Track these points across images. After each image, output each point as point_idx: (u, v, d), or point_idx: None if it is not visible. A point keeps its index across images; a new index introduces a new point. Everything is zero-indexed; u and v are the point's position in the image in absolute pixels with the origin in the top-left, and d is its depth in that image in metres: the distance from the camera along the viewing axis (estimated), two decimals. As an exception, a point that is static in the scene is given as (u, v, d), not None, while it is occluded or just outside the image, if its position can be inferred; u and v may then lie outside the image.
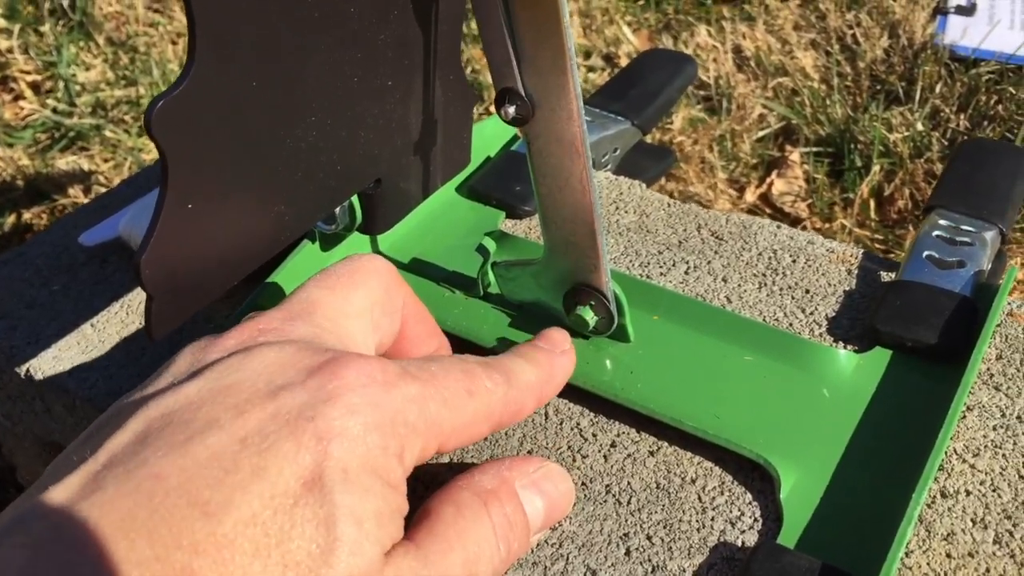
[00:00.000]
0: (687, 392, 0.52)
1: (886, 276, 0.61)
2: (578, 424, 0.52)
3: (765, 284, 0.61)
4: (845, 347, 0.56)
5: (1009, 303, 0.59)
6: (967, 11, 1.39)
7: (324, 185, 0.49)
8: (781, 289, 0.60)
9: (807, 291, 0.60)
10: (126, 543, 0.33)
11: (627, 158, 0.79)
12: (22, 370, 0.56)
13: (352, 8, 0.46)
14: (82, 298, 0.61)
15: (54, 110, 1.34)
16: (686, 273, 0.62)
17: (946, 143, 1.21)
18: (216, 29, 0.39)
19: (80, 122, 1.27)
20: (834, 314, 0.58)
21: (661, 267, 0.62)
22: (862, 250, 0.63)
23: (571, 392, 0.53)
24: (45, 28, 1.45)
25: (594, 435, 0.52)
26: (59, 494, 0.35)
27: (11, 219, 1.17)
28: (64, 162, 1.22)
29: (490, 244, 0.58)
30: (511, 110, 0.50)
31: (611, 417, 0.52)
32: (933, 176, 1.19)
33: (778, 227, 0.65)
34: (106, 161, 1.22)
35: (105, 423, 0.38)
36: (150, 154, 1.23)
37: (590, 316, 0.54)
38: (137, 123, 1.28)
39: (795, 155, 1.24)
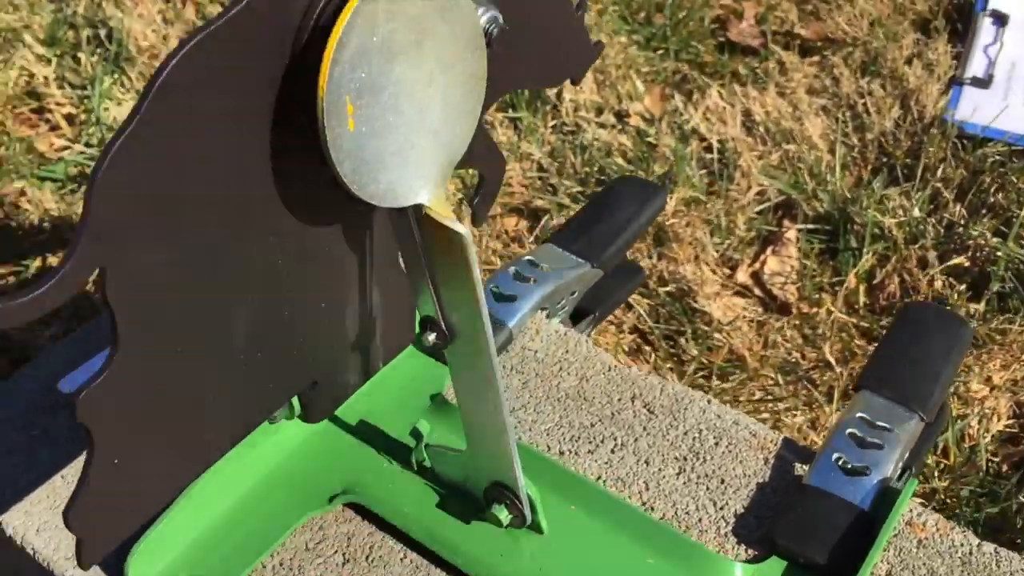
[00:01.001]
0: (584, 598, 0.57)
1: (800, 468, 0.64)
2: (483, 621, 0.57)
3: (684, 470, 0.65)
4: (747, 549, 0.60)
5: (911, 511, 0.62)
6: (983, 83, 1.38)
7: (254, 406, 0.54)
8: (699, 477, 0.64)
9: (722, 481, 0.64)
10: None
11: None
12: (-3, 522, 0.63)
13: (280, 261, 0.50)
14: (57, 445, 0.67)
15: (87, 144, 1.40)
16: (612, 451, 0.66)
17: (942, 230, 1.22)
18: (138, 320, 0.44)
19: (104, 167, 1.33)
20: (743, 510, 0.62)
21: (590, 443, 0.66)
22: (782, 436, 0.66)
23: (482, 586, 0.57)
24: (83, 56, 1.51)
25: (496, 634, 0.56)
26: None
27: (36, 263, 1.24)
28: (86, 210, 1.28)
29: (424, 427, 0.62)
30: (431, 337, 0.54)
31: (515, 615, 0.57)
32: (926, 263, 1.21)
33: (708, 403, 0.69)
34: (125, 210, 1.28)
35: None
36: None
37: (504, 515, 0.59)
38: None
39: (791, 233, 1.26)
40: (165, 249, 0.43)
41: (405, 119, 0.46)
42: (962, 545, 0.60)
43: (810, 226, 1.27)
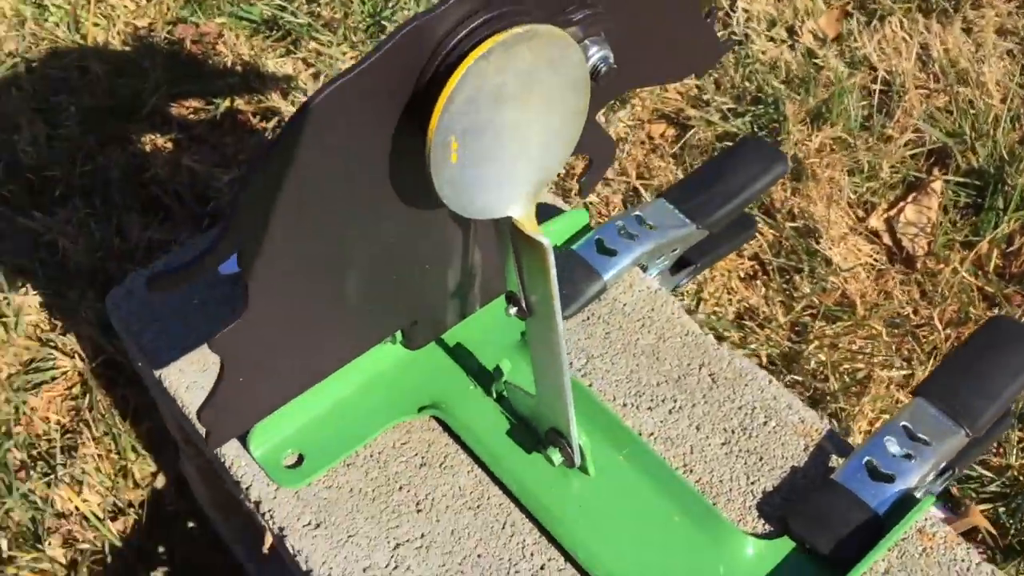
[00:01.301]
0: (609, 540, 0.66)
1: (836, 461, 0.71)
2: (524, 541, 0.68)
3: (729, 442, 0.72)
4: (765, 525, 0.68)
5: (926, 520, 0.68)
6: None
7: (359, 341, 0.65)
8: (741, 451, 0.72)
9: (761, 458, 0.71)
10: None
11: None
12: (158, 374, 0.77)
13: (391, 240, 0.59)
14: (213, 315, 0.80)
15: (280, -10, 1.50)
16: (669, 412, 0.74)
17: (1097, 207, 1.19)
18: (267, 286, 0.54)
19: (294, 20, 1.44)
20: (772, 489, 0.70)
21: (652, 400, 0.74)
22: (827, 427, 0.73)
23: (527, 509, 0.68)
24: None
25: (532, 554, 0.67)
26: None
27: (225, 104, 1.37)
28: (273, 61, 1.39)
29: (506, 366, 0.72)
30: (512, 310, 0.63)
31: (551, 541, 0.68)
32: (1070, 238, 1.19)
33: (770, 382, 0.75)
34: (308, 67, 1.38)
35: None
36: (346, 63, 1.39)
37: (556, 457, 0.69)
38: (342, 25, 1.42)
39: (937, 184, 1.25)
40: (293, 236, 0.52)
41: (506, 152, 0.52)
42: (963, 561, 0.66)
43: (959, 179, 1.25)
